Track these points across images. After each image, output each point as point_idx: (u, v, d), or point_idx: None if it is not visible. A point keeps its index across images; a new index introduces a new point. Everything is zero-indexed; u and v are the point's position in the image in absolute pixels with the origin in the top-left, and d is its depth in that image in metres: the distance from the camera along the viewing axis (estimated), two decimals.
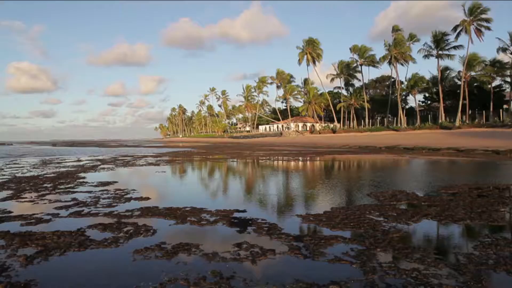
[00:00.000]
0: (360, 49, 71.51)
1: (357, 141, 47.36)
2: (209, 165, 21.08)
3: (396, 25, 66.53)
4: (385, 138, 48.22)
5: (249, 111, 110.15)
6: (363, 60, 71.95)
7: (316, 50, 77.04)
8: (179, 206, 7.81)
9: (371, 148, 36.55)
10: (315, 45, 76.83)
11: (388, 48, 64.42)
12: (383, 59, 67.05)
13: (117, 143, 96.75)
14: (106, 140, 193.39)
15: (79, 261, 4.63)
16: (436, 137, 42.71)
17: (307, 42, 77.00)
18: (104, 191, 10.36)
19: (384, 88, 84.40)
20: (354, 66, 76.01)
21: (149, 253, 4.77)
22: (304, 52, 77.10)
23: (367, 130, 67.64)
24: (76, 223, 6.49)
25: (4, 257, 4.68)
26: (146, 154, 32.81)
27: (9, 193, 10.16)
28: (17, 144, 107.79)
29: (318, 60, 78.16)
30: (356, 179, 13.06)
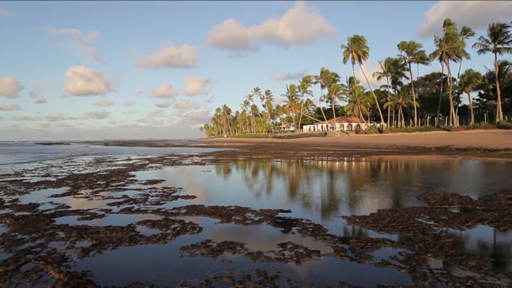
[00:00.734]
0: (408, 46, 68.87)
1: (405, 141, 45.67)
2: (253, 165, 21.23)
3: (448, 19, 63.35)
4: (435, 138, 46.15)
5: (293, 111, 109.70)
6: (411, 57, 69.26)
7: (361, 48, 75.25)
8: (224, 205, 7.95)
9: (420, 148, 35.10)
10: (360, 42, 75.04)
11: (439, 43, 61.51)
12: (433, 56, 64.16)
13: (164, 143, 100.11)
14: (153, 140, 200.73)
15: (129, 255, 4.85)
16: (493, 137, 40.20)
17: (353, 40, 75.39)
18: (152, 189, 10.76)
19: (434, 86, 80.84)
20: (402, 64, 73.42)
21: (195, 250, 4.90)
22: (349, 50, 75.56)
23: (415, 129, 65.07)
24: (126, 219, 6.80)
25: (64, 249, 5.03)
26: (191, 154, 33.65)
27: (67, 189, 10.85)
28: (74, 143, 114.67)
29: (364, 58, 76.30)
30: (404, 181, 12.59)
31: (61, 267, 4.32)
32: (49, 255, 4.76)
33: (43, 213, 7.47)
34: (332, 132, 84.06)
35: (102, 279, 4.01)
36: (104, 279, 4.01)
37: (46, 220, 6.77)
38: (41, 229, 6.08)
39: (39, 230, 6.02)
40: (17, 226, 6.31)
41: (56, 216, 7.17)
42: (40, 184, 12.17)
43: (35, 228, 6.19)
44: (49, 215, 7.21)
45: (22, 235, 5.78)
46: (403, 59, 71.78)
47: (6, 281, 3.94)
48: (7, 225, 6.51)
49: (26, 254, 4.80)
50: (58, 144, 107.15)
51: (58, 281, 3.92)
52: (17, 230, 6.06)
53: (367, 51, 76.01)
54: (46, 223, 6.53)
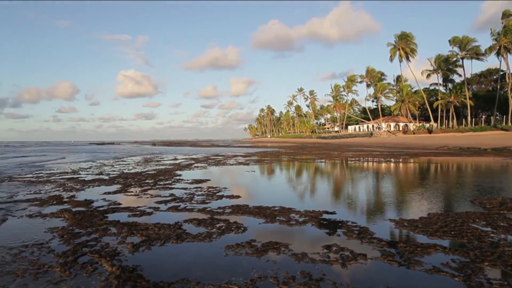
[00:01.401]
0: (461, 41, 65.22)
1: (457, 142, 43.39)
2: (297, 166, 21.11)
3: (507, 10, 59.21)
4: (491, 138, 43.41)
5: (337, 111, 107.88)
6: (464, 52, 65.58)
7: (409, 45, 72.49)
8: (268, 205, 7.98)
9: (474, 149, 33.20)
10: (408, 39, 72.30)
11: (497, 37, 57.73)
12: (489, 50, 60.40)
13: (209, 143, 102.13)
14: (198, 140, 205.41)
15: (176, 252, 5.00)
16: None
17: (400, 37, 72.81)
18: (198, 188, 11.02)
19: (490, 83, 76.08)
20: (454, 60, 69.70)
21: (240, 249, 4.96)
22: (396, 47, 73.07)
23: (469, 130, 61.65)
24: (173, 217, 7.02)
25: (116, 243, 5.29)
26: (236, 154, 34.08)
27: (119, 187, 11.39)
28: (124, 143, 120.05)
29: (411, 55, 73.49)
30: (457, 184, 11.97)
31: (114, 260, 4.55)
32: (103, 249, 5.03)
33: (97, 209, 7.91)
34: (378, 133, 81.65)
35: (151, 274, 4.17)
36: (153, 274, 4.17)
37: (100, 216, 7.15)
38: (95, 224, 6.44)
39: (93, 225, 6.38)
40: (74, 221, 6.73)
41: (108, 212, 7.56)
42: (94, 182, 12.87)
43: (90, 223, 6.56)
44: (103, 211, 7.61)
45: (79, 229, 6.15)
46: (455, 55, 68.17)
47: (66, 271, 4.21)
48: (66, 219, 6.96)
49: (83, 247, 5.10)
50: (109, 144, 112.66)
51: (111, 274, 4.13)
52: (74, 225, 6.45)
53: (415, 48, 73.10)
54: (99, 218, 6.90)
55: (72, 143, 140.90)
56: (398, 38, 73.18)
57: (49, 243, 5.40)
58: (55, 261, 4.57)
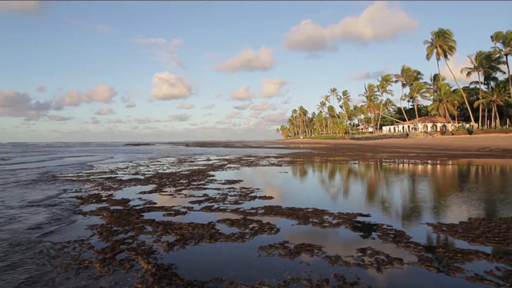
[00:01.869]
0: (505, 36, 61.87)
1: (500, 143, 41.36)
2: (330, 167, 20.86)
3: None
4: None
5: (371, 112, 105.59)
6: (509, 48, 62.24)
7: (447, 42, 69.79)
8: (301, 206, 7.93)
9: None
10: (446, 36, 69.61)
11: None
12: None
13: (241, 144, 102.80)
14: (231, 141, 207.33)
15: (210, 251, 5.06)
16: None
17: (437, 34, 70.25)
18: (231, 188, 11.11)
19: None
20: (497, 57, 66.32)
21: (272, 250, 4.95)
22: (434, 45, 70.58)
23: None
24: (207, 217, 7.11)
25: (151, 242, 5.42)
26: (268, 155, 34.11)
27: (154, 187, 11.68)
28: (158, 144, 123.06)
29: (450, 53, 70.69)
30: (500, 187, 11.40)
31: (150, 258, 4.67)
32: (139, 246, 5.17)
33: (133, 208, 8.14)
34: (414, 133, 79.18)
35: (185, 272, 4.24)
36: (187, 272, 4.24)
37: (136, 214, 7.36)
38: (132, 223, 6.63)
39: (130, 224, 6.57)
40: (112, 219, 6.96)
41: (144, 211, 7.76)
42: (131, 182, 13.27)
43: (127, 221, 6.76)
44: (139, 210, 7.83)
45: (116, 227, 6.36)
46: (498, 51, 64.80)
47: (105, 267, 4.36)
48: (104, 217, 7.22)
49: (120, 245, 5.26)
50: (144, 145, 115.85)
51: (147, 271, 4.23)
52: (113, 222, 6.68)
53: (453, 45, 70.28)
54: (136, 217, 7.10)
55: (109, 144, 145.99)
56: (435, 35, 70.67)
57: (89, 240, 5.61)
58: (95, 257, 4.74)
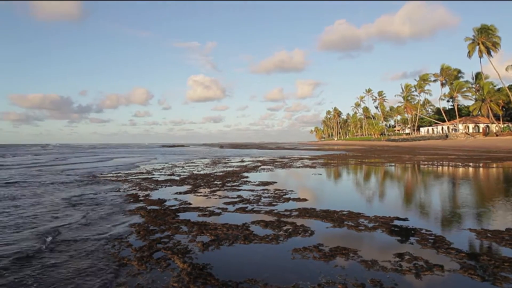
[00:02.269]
0: None
1: None
2: (365, 169, 20.42)
3: None
4: None
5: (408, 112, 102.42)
6: None
7: (491, 38, 66.50)
8: (336, 209, 7.81)
9: None
10: (490, 32, 66.34)
11: None
12: None
13: (275, 146, 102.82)
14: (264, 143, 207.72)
15: (244, 252, 5.08)
16: None
17: (479, 30, 67.12)
18: (264, 190, 11.12)
19: None
20: None
21: (307, 253, 4.90)
22: (476, 42, 67.52)
23: None
24: (241, 218, 7.15)
25: (187, 241, 5.52)
26: (302, 157, 33.88)
27: (189, 188, 11.88)
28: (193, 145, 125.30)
29: (494, 50, 67.29)
30: None
31: (185, 258, 4.74)
32: (175, 246, 5.27)
33: (169, 208, 8.32)
34: (454, 135, 76.08)
35: (220, 272, 4.28)
36: (222, 273, 4.27)
37: (172, 214, 7.51)
38: (168, 223, 6.77)
39: (166, 223, 6.72)
40: (149, 218, 7.14)
41: (180, 211, 7.91)
42: (166, 182, 13.57)
43: (163, 221, 6.92)
44: (174, 210, 7.98)
45: (153, 226, 6.52)
46: None
47: (143, 265, 4.48)
48: (141, 216, 7.42)
49: (157, 244, 5.39)
50: (180, 146, 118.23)
51: (183, 270, 4.30)
52: (149, 222, 6.85)
53: (498, 41, 66.83)
54: (172, 217, 7.25)
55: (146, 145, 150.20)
56: (477, 32, 67.57)
57: (128, 238, 5.79)
58: (133, 255, 4.88)
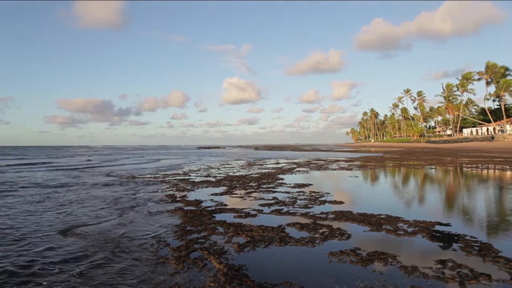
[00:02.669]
0: None
1: None
2: (404, 172, 19.80)
3: None
4: None
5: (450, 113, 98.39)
6: None
7: None
8: (373, 212, 7.63)
9: None
10: None
11: None
12: None
13: (310, 148, 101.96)
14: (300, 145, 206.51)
15: (280, 254, 5.07)
16: None
17: None
18: (300, 192, 11.05)
19: None
20: None
21: (344, 256, 4.82)
22: None
23: None
24: (277, 220, 7.14)
25: (223, 242, 5.58)
26: (338, 159, 33.39)
27: (224, 189, 12.02)
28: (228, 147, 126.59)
29: None
30: None
31: (221, 258, 4.80)
32: (211, 246, 5.35)
33: (205, 209, 8.45)
34: (501, 136, 72.22)
35: (255, 274, 4.29)
36: (257, 274, 4.28)
37: (208, 215, 7.62)
38: (204, 223, 6.88)
39: (203, 224, 6.82)
40: (186, 219, 7.28)
41: (216, 212, 8.01)
42: (203, 183, 13.80)
43: (199, 221, 7.03)
44: (210, 211, 8.10)
45: (190, 227, 6.64)
46: None
47: (180, 265, 4.58)
48: (179, 216, 7.58)
49: (194, 244, 5.49)
50: (215, 148, 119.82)
51: (219, 271, 4.35)
52: (186, 222, 6.99)
53: None
54: (208, 218, 7.36)
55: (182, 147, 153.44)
56: None
57: (166, 238, 5.93)
58: (171, 255, 5.00)
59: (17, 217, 7.72)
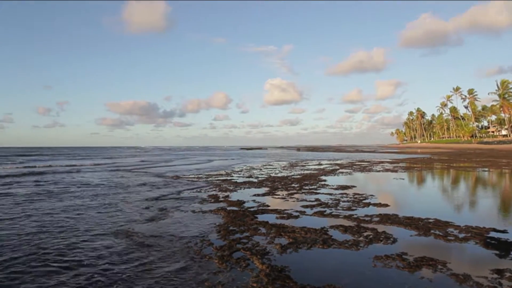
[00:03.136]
0: None
1: None
2: (454, 174, 18.89)
3: None
4: None
5: (505, 112, 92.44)
6: None
7: None
8: (421, 216, 7.34)
9: None
10: None
11: None
12: None
13: (353, 149, 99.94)
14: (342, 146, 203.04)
15: (323, 257, 5.01)
16: None
17: None
18: (343, 194, 10.85)
19: None
20: None
21: (389, 261, 4.68)
22: None
23: None
24: (319, 222, 7.06)
25: (265, 243, 5.60)
26: (382, 160, 32.46)
27: (266, 190, 12.06)
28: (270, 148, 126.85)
29: None
30: None
31: (264, 259, 4.82)
32: (254, 247, 5.38)
33: (248, 209, 8.52)
34: None
35: (298, 276, 4.27)
36: (300, 276, 4.26)
37: (251, 216, 7.68)
38: (247, 224, 6.94)
39: (245, 224, 6.89)
40: (229, 219, 7.39)
41: (258, 213, 8.05)
42: (245, 184, 13.92)
43: (242, 222, 7.10)
44: (253, 212, 8.15)
45: (233, 227, 6.73)
46: None
47: (223, 264, 4.65)
48: (222, 216, 7.71)
49: (236, 244, 5.55)
50: (257, 149, 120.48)
51: (261, 271, 4.38)
52: (229, 222, 7.08)
53: None
54: (250, 218, 7.42)
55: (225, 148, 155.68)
56: None
57: (209, 237, 6.05)
58: (214, 254, 5.09)
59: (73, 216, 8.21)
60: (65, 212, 8.42)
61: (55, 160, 40.77)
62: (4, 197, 10.87)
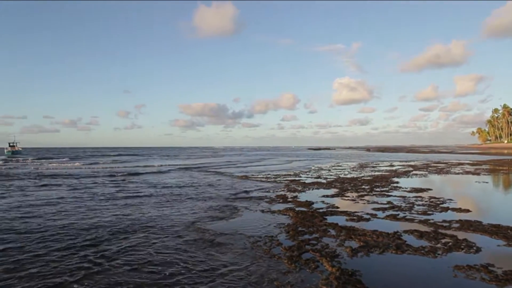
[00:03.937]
0: None
1: None
2: None
3: None
4: None
5: None
6: None
7: None
8: (510, 224, 6.67)
9: None
10: None
11: None
12: None
13: (427, 149, 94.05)
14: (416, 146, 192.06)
15: (396, 263, 4.78)
16: None
17: None
18: (418, 197, 10.27)
19: None
20: None
21: (473, 272, 4.32)
22: None
23: None
24: (392, 226, 6.76)
25: (335, 245, 5.50)
26: (461, 162, 30.13)
27: (336, 191, 11.82)
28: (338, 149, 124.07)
29: None
30: None
31: (333, 262, 4.73)
32: (323, 249, 5.30)
33: (317, 210, 8.42)
34: None
35: (369, 281, 4.12)
36: (372, 281, 4.11)
37: (319, 217, 7.57)
38: (316, 225, 6.86)
39: (314, 225, 6.81)
40: (298, 219, 7.36)
41: (327, 214, 7.92)
42: (313, 185, 13.78)
43: (311, 223, 7.04)
44: (322, 213, 8.04)
45: (301, 227, 6.70)
46: None
47: (292, 264, 4.65)
48: (290, 217, 7.71)
49: (305, 245, 5.52)
50: (325, 149, 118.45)
51: (331, 274, 4.30)
52: (298, 223, 7.06)
53: None
54: (319, 219, 7.32)
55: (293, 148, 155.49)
56: None
57: (278, 237, 6.08)
58: (283, 254, 5.11)
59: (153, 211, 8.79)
60: (152, 208, 9.07)
61: (149, 160, 43.95)
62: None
